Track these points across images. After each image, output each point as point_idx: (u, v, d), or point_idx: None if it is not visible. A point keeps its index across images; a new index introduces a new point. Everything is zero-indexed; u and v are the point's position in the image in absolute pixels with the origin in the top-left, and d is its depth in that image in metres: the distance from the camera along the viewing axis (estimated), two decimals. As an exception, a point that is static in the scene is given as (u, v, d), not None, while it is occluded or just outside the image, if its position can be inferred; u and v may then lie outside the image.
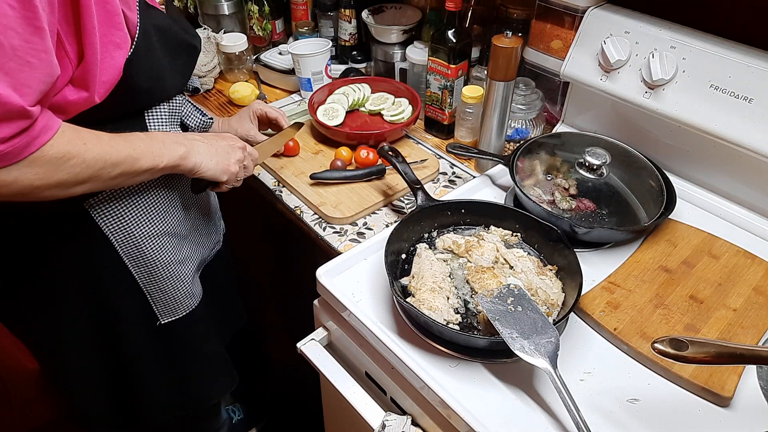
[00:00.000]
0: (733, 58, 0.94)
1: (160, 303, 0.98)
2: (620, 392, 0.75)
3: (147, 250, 0.91)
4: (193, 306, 1.03)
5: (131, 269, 0.92)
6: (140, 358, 1.02)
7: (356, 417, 0.82)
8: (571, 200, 0.99)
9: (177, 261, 0.97)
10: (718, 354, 0.63)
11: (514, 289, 0.79)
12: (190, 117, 0.95)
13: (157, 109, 0.88)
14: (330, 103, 1.33)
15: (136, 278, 0.93)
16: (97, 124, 0.78)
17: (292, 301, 1.38)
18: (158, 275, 0.95)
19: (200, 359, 1.11)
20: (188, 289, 1.01)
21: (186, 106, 0.95)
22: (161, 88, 0.86)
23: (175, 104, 0.91)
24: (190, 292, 1.02)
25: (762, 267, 0.90)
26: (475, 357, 0.78)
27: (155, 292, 0.96)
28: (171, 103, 0.90)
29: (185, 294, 1.00)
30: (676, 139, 1.05)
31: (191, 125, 0.95)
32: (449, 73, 1.21)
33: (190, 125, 0.95)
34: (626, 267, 0.91)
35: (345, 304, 0.84)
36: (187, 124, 0.95)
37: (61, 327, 0.95)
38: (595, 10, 1.10)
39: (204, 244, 1.07)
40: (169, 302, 0.99)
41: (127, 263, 0.91)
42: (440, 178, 1.21)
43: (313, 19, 1.64)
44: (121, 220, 0.87)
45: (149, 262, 0.93)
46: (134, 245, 0.90)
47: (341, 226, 1.09)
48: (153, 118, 0.87)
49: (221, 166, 0.89)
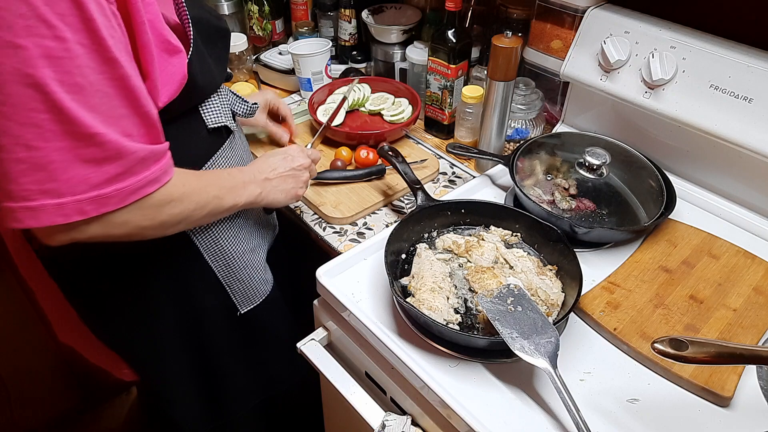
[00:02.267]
0: (733, 58, 0.94)
1: (238, 293, 0.99)
2: (620, 392, 0.75)
3: (224, 243, 0.92)
4: (268, 291, 1.04)
5: (211, 264, 0.92)
6: (223, 351, 1.03)
7: (356, 417, 0.82)
8: (571, 200, 0.99)
9: (249, 249, 0.98)
10: (718, 354, 0.63)
11: (514, 289, 0.79)
12: (237, 105, 0.96)
13: (209, 102, 0.87)
14: (330, 103, 1.33)
15: (216, 272, 0.94)
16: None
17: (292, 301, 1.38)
18: (235, 266, 0.96)
19: (277, 344, 1.11)
20: (262, 275, 1.02)
21: (230, 95, 0.95)
22: (212, 80, 0.85)
23: (222, 94, 0.90)
24: (263, 278, 1.03)
25: (762, 267, 0.90)
26: (475, 357, 0.78)
27: (234, 283, 0.97)
28: (219, 94, 0.89)
29: (260, 281, 1.02)
30: (676, 139, 1.05)
31: (239, 113, 0.95)
32: (449, 73, 1.21)
33: (238, 113, 0.95)
34: (626, 267, 0.91)
35: (345, 304, 0.84)
36: (235, 111, 0.95)
37: (159, 337, 0.96)
38: (595, 10, 1.10)
39: (267, 231, 1.08)
40: (246, 291, 1.00)
41: (207, 258, 0.91)
42: (440, 178, 1.21)
43: (313, 19, 1.64)
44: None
45: (227, 254, 0.93)
46: (213, 240, 0.91)
47: (341, 226, 1.09)
48: (207, 111, 0.87)
49: (291, 195, 0.93)
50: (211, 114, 0.87)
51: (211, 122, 0.86)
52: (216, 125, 0.87)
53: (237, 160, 0.93)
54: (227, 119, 0.89)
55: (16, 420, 1.53)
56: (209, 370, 1.04)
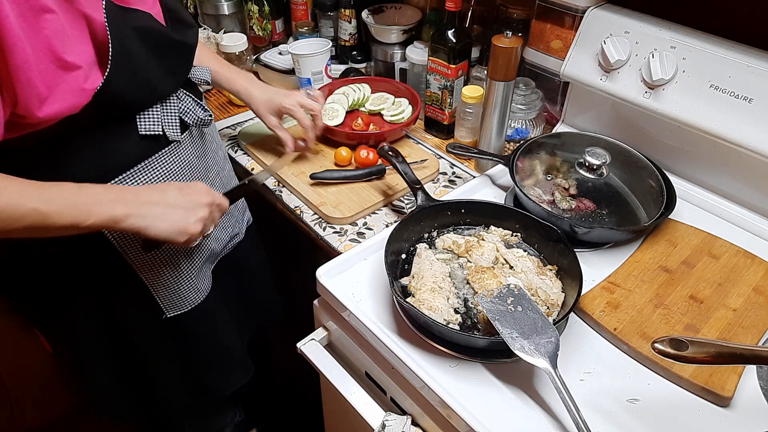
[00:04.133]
0: (733, 58, 0.94)
1: (164, 298, 0.98)
2: (620, 392, 0.75)
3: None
4: (199, 300, 1.03)
5: (133, 265, 0.92)
6: (150, 350, 1.04)
7: (356, 417, 0.82)
8: (571, 200, 0.99)
9: (181, 256, 0.96)
10: (718, 354, 0.63)
11: (514, 289, 0.79)
12: (188, 114, 0.92)
13: (149, 111, 0.85)
14: (330, 103, 1.33)
15: (139, 274, 0.93)
16: (83, 131, 0.77)
17: (292, 301, 1.38)
18: (160, 271, 0.95)
19: (212, 351, 1.11)
20: (193, 283, 1.01)
21: (185, 102, 0.92)
22: (150, 93, 0.84)
23: (170, 103, 0.89)
24: (195, 286, 1.01)
25: (762, 267, 0.90)
26: (475, 357, 0.78)
27: (158, 287, 0.96)
28: (165, 103, 0.88)
29: (189, 288, 1.00)
30: (676, 139, 1.05)
31: (189, 121, 0.92)
32: (449, 73, 1.21)
33: (188, 122, 0.92)
34: (626, 267, 0.91)
35: (345, 304, 0.84)
36: (185, 120, 0.92)
37: (74, 325, 0.98)
38: (595, 10, 1.10)
39: (218, 237, 1.05)
40: (173, 297, 0.99)
41: (129, 260, 0.91)
42: (440, 178, 1.21)
43: (313, 19, 1.64)
44: None
45: (151, 259, 0.92)
46: (135, 242, 0.89)
47: (341, 226, 1.09)
48: (144, 119, 0.85)
49: (177, 226, 0.80)
50: (146, 122, 0.85)
51: (143, 129, 0.85)
52: (147, 132, 0.85)
53: (180, 167, 0.91)
54: (169, 128, 0.87)
55: (16, 420, 1.53)
56: (134, 364, 1.05)
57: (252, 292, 1.23)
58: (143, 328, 1.01)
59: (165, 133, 0.87)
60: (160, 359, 1.06)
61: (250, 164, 1.25)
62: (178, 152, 0.91)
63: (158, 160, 0.87)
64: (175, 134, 0.88)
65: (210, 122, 0.96)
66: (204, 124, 0.95)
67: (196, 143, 0.95)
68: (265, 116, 1.15)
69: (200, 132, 0.97)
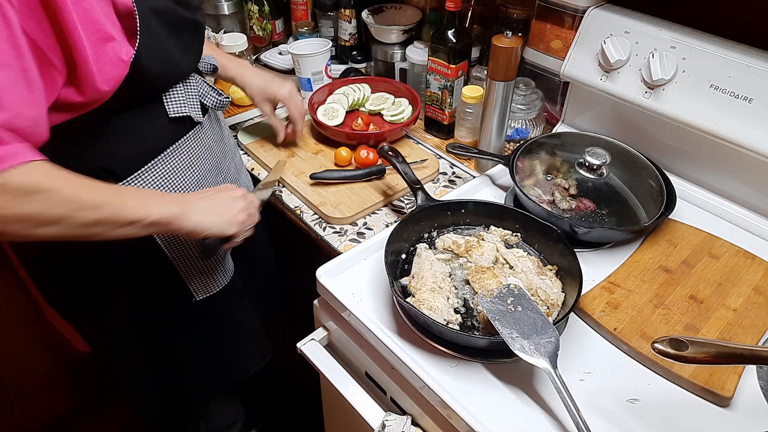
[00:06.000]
0: (733, 58, 0.94)
1: (194, 281, 0.99)
2: (620, 392, 0.75)
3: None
4: (227, 281, 1.05)
5: (166, 251, 0.93)
6: (179, 335, 1.05)
7: (356, 417, 0.82)
8: (571, 200, 0.99)
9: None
10: (718, 354, 0.63)
11: (514, 289, 0.79)
12: (207, 97, 0.94)
13: (174, 90, 0.87)
14: (330, 103, 1.33)
15: (171, 258, 0.94)
16: (115, 113, 0.78)
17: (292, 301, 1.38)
18: (191, 254, 0.96)
19: (236, 332, 1.13)
20: (221, 265, 1.02)
21: (201, 86, 0.95)
22: (174, 70, 0.86)
23: (191, 85, 0.91)
24: (222, 267, 1.03)
25: (762, 267, 0.90)
26: (475, 357, 0.78)
27: (190, 271, 0.98)
28: (187, 84, 0.90)
29: (218, 270, 1.02)
30: (676, 139, 1.05)
31: (209, 104, 0.94)
32: (449, 73, 1.21)
33: (208, 105, 0.94)
34: (626, 267, 0.91)
35: (345, 304, 0.84)
36: (205, 103, 0.94)
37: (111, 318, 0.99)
38: (595, 10, 1.10)
39: None
40: (203, 279, 1.00)
41: (161, 244, 0.92)
42: (440, 178, 1.21)
43: (313, 19, 1.64)
44: None
45: (182, 242, 0.94)
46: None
47: (341, 226, 1.09)
48: (171, 100, 0.87)
49: (226, 218, 0.84)
50: (174, 103, 0.87)
51: (172, 111, 0.87)
52: (177, 114, 0.87)
53: (203, 151, 0.93)
54: (192, 110, 0.89)
55: (16, 420, 1.53)
56: (164, 354, 1.06)
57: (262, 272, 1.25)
58: (173, 315, 1.02)
59: (191, 114, 0.89)
60: (188, 344, 1.07)
61: (250, 164, 1.25)
62: (201, 135, 0.93)
63: (185, 143, 0.90)
64: (199, 116, 0.91)
65: (227, 104, 0.98)
66: (222, 106, 0.97)
67: (214, 127, 0.98)
68: (259, 103, 1.18)
69: (215, 115, 0.99)
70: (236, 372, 1.18)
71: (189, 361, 1.09)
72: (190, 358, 1.09)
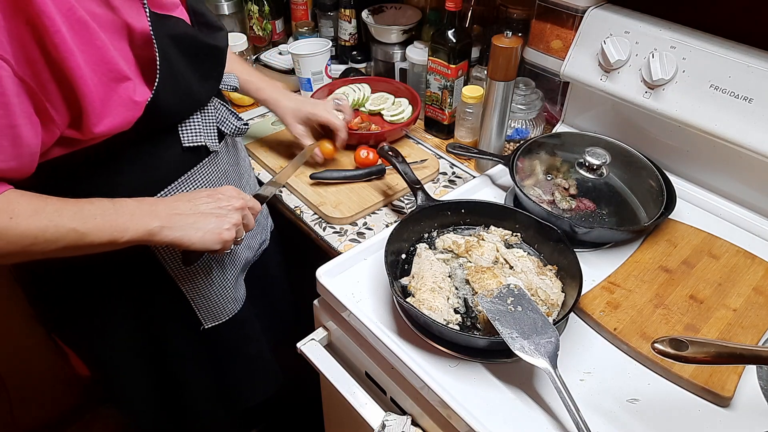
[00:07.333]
0: (733, 58, 0.94)
1: (203, 309, 0.97)
2: (620, 392, 0.75)
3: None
4: (236, 310, 1.02)
5: (174, 276, 0.90)
6: (185, 363, 1.01)
7: (356, 417, 0.82)
8: (571, 200, 0.99)
9: (220, 266, 0.96)
10: (718, 354, 0.63)
11: (514, 289, 0.79)
12: (225, 123, 0.90)
13: (191, 120, 0.84)
14: (330, 103, 1.33)
15: (180, 286, 0.92)
16: (128, 146, 0.76)
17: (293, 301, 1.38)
18: (201, 282, 0.93)
19: (244, 361, 1.10)
20: (231, 294, 0.99)
21: (220, 111, 0.90)
22: (191, 102, 0.83)
23: (209, 111, 0.87)
24: (233, 296, 1.00)
25: (762, 267, 0.90)
26: (475, 357, 0.78)
27: (198, 299, 0.95)
28: (205, 112, 0.86)
29: (228, 299, 0.99)
30: (676, 139, 1.05)
31: (226, 131, 0.90)
32: (449, 73, 1.21)
33: (225, 131, 0.90)
34: (626, 267, 0.91)
35: (345, 304, 0.84)
36: (222, 130, 0.90)
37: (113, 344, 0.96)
38: (595, 10, 1.10)
39: (249, 245, 1.05)
40: (212, 308, 0.98)
41: (170, 271, 0.89)
42: (440, 178, 1.21)
43: (313, 19, 1.64)
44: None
45: (192, 270, 0.91)
46: (177, 254, 0.88)
47: (341, 226, 1.09)
48: (187, 130, 0.83)
49: (210, 236, 0.78)
50: (189, 133, 0.84)
51: (187, 141, 0.83)
52: (191, 144, 0.84)
53: (217, 177, 0.90)
54: (208, 139, 0.86)
55: (16, 420, 1.53)
56: (169, 379, 1.03)
57: (274, 299, 1.22)
58: (180, 342, 0.99)
59: (207, 144, 0.86)
60: (194, 372, 1.04)
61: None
62: (217, 162, 0.90)
63: (199, 171, 0.86)
64: (214, 144, 0.87)
65: (245, 131, 0.94)
66: (240, 132, 0.93)
67: (230, 152, 0.95)
68: (291, 124, 1.15)
69: (233, 140, 0.96)
70: (243, 400, 1.15)
71: (193, 388, 1.06)
72: (195, 385, 1.05)
